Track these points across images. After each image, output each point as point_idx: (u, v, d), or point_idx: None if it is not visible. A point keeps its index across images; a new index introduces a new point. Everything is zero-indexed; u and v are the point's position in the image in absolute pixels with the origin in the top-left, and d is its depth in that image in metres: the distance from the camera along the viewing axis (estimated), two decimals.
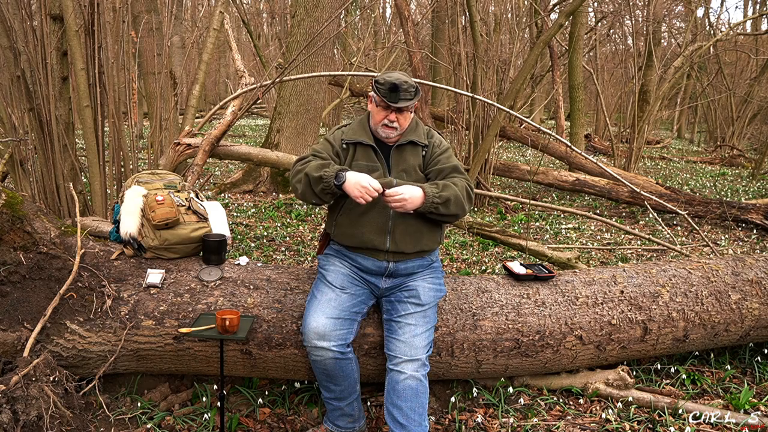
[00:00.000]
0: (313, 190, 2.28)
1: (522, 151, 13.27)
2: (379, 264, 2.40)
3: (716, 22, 21.47)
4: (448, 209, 2.30)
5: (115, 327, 2.45)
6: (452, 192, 2.31)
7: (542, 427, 2.60)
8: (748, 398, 2.78)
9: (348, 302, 2.35)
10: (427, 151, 2.47)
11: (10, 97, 3.77)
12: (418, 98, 2.39)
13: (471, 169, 6.95)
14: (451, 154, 2.51)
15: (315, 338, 2.25)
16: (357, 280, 2.42)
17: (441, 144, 2.51)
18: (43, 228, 2.52)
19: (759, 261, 3.12)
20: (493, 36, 8.07)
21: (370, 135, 2.45)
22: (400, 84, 2.29)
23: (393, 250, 2.37)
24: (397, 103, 2.31)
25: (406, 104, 2.33)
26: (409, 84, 2.33)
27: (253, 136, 14.83)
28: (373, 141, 2.43)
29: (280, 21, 19.39)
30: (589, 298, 2.78)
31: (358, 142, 2.43)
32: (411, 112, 2.44)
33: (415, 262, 2.45)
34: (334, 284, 2.39)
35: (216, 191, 7.58)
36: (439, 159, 2.46)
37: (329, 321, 2.27)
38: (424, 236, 2.41)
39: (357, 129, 2.47)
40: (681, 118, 19.32)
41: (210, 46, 5.50)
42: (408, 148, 2.44)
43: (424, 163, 2.47)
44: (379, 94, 2.33)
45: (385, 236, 2.36)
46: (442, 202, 2.28)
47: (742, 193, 8.88)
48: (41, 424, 2.14)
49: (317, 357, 2.28)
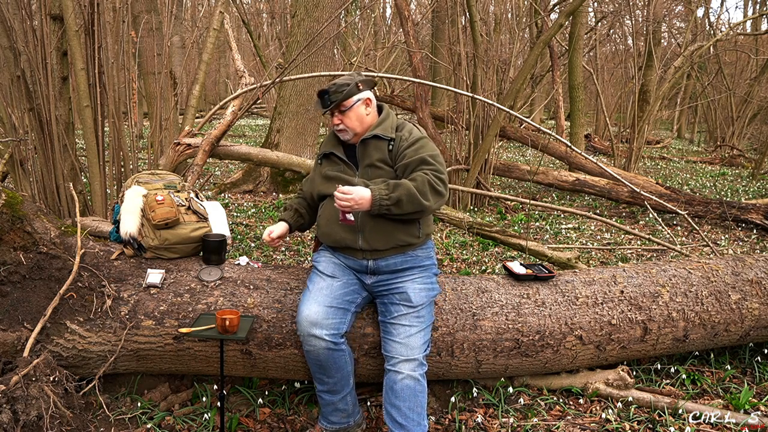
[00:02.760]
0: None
1: (522, 151, 13.27)
2: (359, 262, 2.41)
3: (716, 22, 21.45)
4: (401, 209, 2.23)
5: (115, 327, 2.45)
6: (404, 191, 2.21)
7: (542, 427, 2.60)
8: (748, 398, 2.78)
9: (340, 290, 2.37)
10: (394, 145, 2.39)
11: (10, 97, 3.77)
12: (359, 95, 2.41)
13: (471, 169, 6.95)
14: (422, 144, 2.38)
15: (308, 326, 2.27)
16: (348, 270, 2.46)
17: (410, 136, 2.40)
18: (43, 228, 2.52)
19: (759, 261, 3.12)
20: (493, 36, 8.06)
21: (335, 142, 2.53)
22: (329, 88, 2.39)
23: (366, 248, 2.37)
24: (326, 107, 2.41)
25: (335, 104, 2.39)
26: (339, 84, 2.38)
27: (253, 136, 14.83)
28: (337, 147, 2.50)
29: (280, 21, 19.39)
30: (589, 298, 2.78)
31: (324, 154, 2.53)
32: (354, 110, 2.42)
33: (397, 258, 2.40)
34: (326, 273, 2.43)
35: (216, 191, 7.58)
36: (405, 153, 2.36)
37: (322, 308, 2.29)
38: (397, 231, 2.36)
39: (327, 141, 2.57)
40: (681, 118, 19.31)
41: (210, 46, 5.50)
42: (372, 142, 2.40)
43: (392, 158, 2.39)
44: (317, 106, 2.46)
45: (356, 235, 2.37)
46: (392, 203, 2.22)
47: (742, 193, 8.87)
48: (41, 424, 2.14)
49: (310, 347, 2.29)
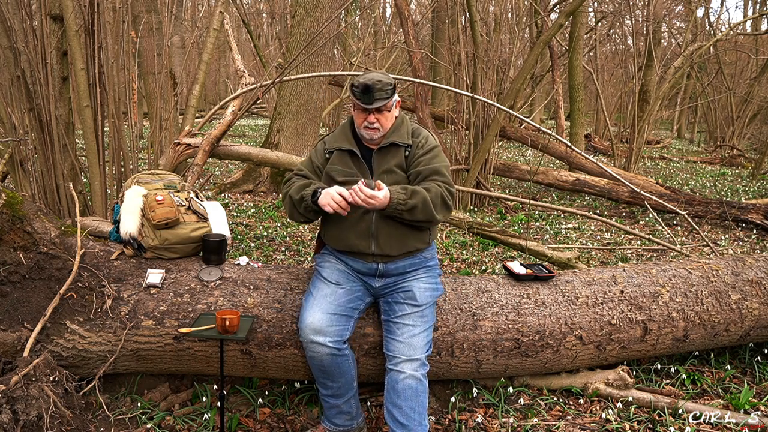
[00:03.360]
0: (298, 211, 2.38)
1: (522, 151, 13.26)
2: (369, 266, 2.40)
3: (716, 22, 21.47)
4: (413, 216, 2.25)
5: (115, 327, 2.45)
6: (420, 200, 2.23)
7: (542, 427, 2.60)
8: (748, 398, 2.78)
9: (344, 297, 2.35)
10: (410, 151, 2.40)
11: (10, 97, 3.77)
12: (395, 97, 2.35)
13: (471, 169, 6.95)
14: (436, 153, 2.41)
15: (311, 333, 2.26)
16: (352, 277, 2.43)
17: (425, 144, 2.42)
18: (43, 228, 2.52)
19: (759, 261, 3.12)
20: (493, 36, 8.06)
21: (351, 140, 2.42)
22: (373, 84, 2.25)
23: (379, 253, 2.36)
24: (371, 104, 2.28)
25: (381, 104, 2.28)
26: (384, 83, 2.27)
27: (253, 136, 14.83)
28: (354, 145, 2.41)
29: (280, 21, 19.40)
30: (589, 298, 2.78)
31: (337, 149, 2.42)
32: (390, 111, 2.37)
33: (406, 261, 2.43)
34: (330, 280, 2.40)
35: (216, 191, 7.58)
36: (420, 160, 2.38)
37: (325, 316, 2.28)
38: (409, 238, 2.38)
39: (338, 135, 2.46)
40: (681, 118, 19.31)
41: (210, 46, 5.50)
42: (390, 149, 2.39)
43: (407, 163, 2.40)
44: (354, 97, 2.30)
45: (370, 240, 2.35)
46: (406, 209, 2.23)
47: (742, 193, 8.87)
48: (41, 424, 2.14)
49: (313, 353, 2.28)
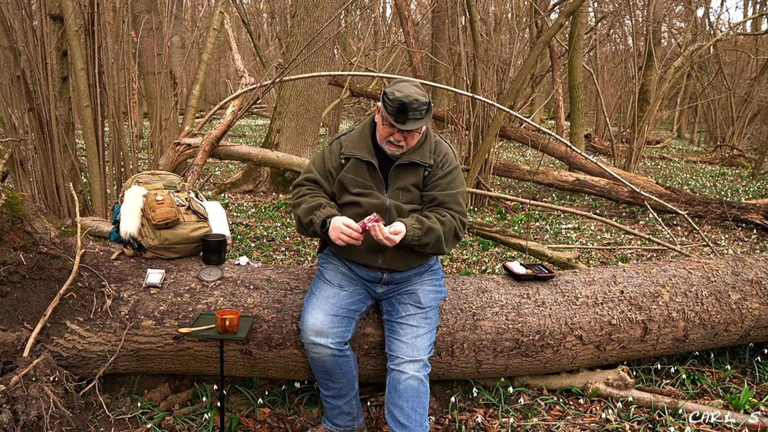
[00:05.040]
0: (306, 232, 2.33)
1: (522, 151, 13.27)
2: (374, 274, 2.39)
3: (716, 22, 21.47)
4: (423, 249, 2.28)
5: (115, 327, 2.45)
6: (434, 237, 2.23)
7: (542, 427, 2.60)
8: (748, 398, 2.78)
9: (346, 300, 2.35)
10: (430, 171, 2.32)
11: (10, 97, 3.77)
12: (430, 116, 2.17)
13: (471, 169, 6.95)
14: (455, 176, 2.34)
15: (312, 335, 2.25)
16: (355, 280, 2.42)
17: (446, 164, 2.32)
18: (43, 228, 2.52)
19: (759, 261, 3.12)
20: (493, 36, 8.06)
21: (371, 148, 2.31)
22: (410, 103, 2.08)
23: (385, 267, 2.35)
24: (404, 125, 2.12)
25: (415, 126, 2.14)
26: (421, 102, 2.10)
27: (253, 136, 14.83)
28: (372, 156, 2.29)
29: (280, 21, 19.38)
30: (589, 298, 2.78)
31: (355, 157, 2.31)
32: (420, 131, 2.25)
33: (411, 272, 2.42)
34: (333, 282, 2.39)
35: (216, 191, 7.58)
36: (438, 183, 2.32)
37: (327, 318, 2.27)
38: (417, 256, 2.37)
39: (357, 141, 2.33)
40: (681, 118, 19.33)
41: (210, 46, 5.50)
42: (410, 166, 2.31)
43: (424, 183, 2.34)
44: (386, 111, 2.15)
45: (377, 255, 2.33)
46: (419, 245, 2.24)
47: (742, 193, 8.87)
48: (41, 424, 2.14)
49: (315, 354, 2.28)
